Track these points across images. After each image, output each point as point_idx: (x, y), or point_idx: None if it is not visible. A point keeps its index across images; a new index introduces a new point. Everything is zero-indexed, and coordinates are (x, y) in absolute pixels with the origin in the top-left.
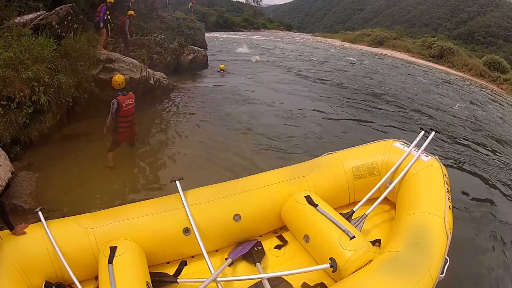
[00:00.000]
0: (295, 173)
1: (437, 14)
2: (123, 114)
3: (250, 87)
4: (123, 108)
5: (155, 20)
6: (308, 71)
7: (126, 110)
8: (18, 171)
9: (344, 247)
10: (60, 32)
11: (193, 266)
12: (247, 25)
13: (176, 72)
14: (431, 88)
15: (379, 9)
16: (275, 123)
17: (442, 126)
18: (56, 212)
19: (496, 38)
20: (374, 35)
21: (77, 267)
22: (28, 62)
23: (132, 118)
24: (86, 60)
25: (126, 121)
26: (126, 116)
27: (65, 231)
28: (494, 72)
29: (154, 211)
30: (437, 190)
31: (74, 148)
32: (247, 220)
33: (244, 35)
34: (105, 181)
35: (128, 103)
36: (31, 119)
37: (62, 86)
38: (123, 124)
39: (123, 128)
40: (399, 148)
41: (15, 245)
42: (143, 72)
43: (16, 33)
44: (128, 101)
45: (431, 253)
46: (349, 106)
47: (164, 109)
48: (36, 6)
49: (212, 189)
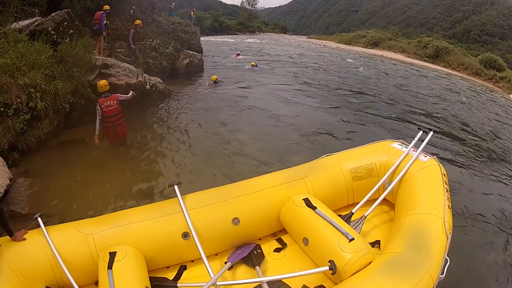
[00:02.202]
0: (293, 175)
1: (432, 14)
2: (104, 114)
3: (246, 91)
4: (104, 109)
5: (150, 24)
6: (302, 73)
7: (106, 111)
8: (16, 178)
9: (343, 249)
10: (56, 38)
11: (193, 271)
12: (242, 28)
13: (172, 77)
14: (427, 88)
15: (374, 10)
16: (271, 127)
17: (440, 125)
18: (55, 217)
19: (492, 36)
20: (370, 36)
21: (77, 273)
22: (24, 69)
23: (114, 119)
24: (82, 66)
25: (108, 121)
26: (108, 116)
27: (65, 236)
28: (490, 71)
29: (153, 216)
30: (436, 190)
31: (72, 153)
32: (246, 223)
33: (240, 39)
34: (103, 186)
35: (108, 104)
36: (28, 126)
37: (59, 92)
38: (106, 124)
39: (106, 128)
40: (397, 149)
41: (15, 251)
42: (139, 77)
43: (13, 39)
44: (108, 103)
45: (431, 253)
46: (345, 107)
47: (161, 114)
48: (32, 11)
49: (210, 193)
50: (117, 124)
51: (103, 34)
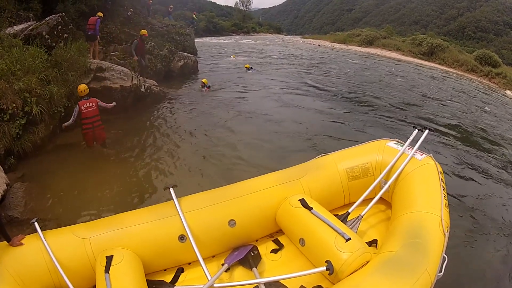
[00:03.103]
0: (288, 176)
1: (426, 12)
2: (83, 116)
3: (241, 94)
4: (83, 111)
5: (144, 27)
6: (296, 74)
7: (85, 113)
8: (13, 183)
9: (340, 249)
10: (50, 42)
11: (190, 273)
12: (237, 29)
13: (167, 79)
14: (422, 85)
15: (368, 9)
16: (266, 128)
17: (436, 123)
18: (52, 221)
19: (487, 32)
20: (364, 35)
21: (75, 277)
22: (19, 73)
23: (93, 120)
24: (77, 69)
25: (87, 123)
26: (86, 118)
27: (62, 241)
28: (485, 67)
29: (149, 219)
30: (432, 188)
31: (68, 158)
32: (242, 225)
33: (234, 40)
34: (99, 190)
35: (87, 106)
36: (24, 130)
37: (54, 96)
38: (85, 126)
39: (85, 129)
40: (393, 148)
41: (13, 257)
42: (133, 80)
43: (7, 44)
44: (87, 105)
45: (429, 252)
46: (340, 107)
47: (156, 117)
48: (27, 16)
49: (206, 195)
50: (96, 126)
51: (99, 39)
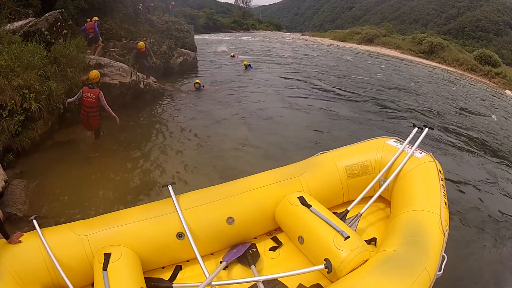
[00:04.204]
0: (287, 174)
1: (426, 10)
2: (82, 102)
3: (240, 91)
4: (83, 98)
5: (144, 23)
6: (296, 72)
7: (85, 100)
8: (12, 179)
9: (339, 248)
10: (49, 38)
11: (188, 271)
12: (237, 26)
13: (166, 76)
14: (422, 84)
15: (369, 7)
16: (266, 125)
17: (436, 122)
18: (50, 219)
19: (487, 32)
20: (364, 33)
21: (73, 275)
22: (18, 70)
23: (89, 110)
24: (76, 66)
25: (84, 110)
26: (84, 105)
27: (60, 238)
28: (485, 66)
29: (147, 216)
30: (432, 186)
31: (66, 154)
32: (240, 222)
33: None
34: (98, 187)
35: (88, 96)
36: (23, 127)
37: (53, 92)
38: (81, 111)
39: (82, 115)
40: (392, 146)
41: (11, 254)
42: (133, 76)
43: (7, 41)
44: (89, 94)
45: (428, 250)
46: (340, 105)
47: (155, 114)
48: (26, 12)
49: (204, 192)
50: (90, 115)
51: (100, 39)
